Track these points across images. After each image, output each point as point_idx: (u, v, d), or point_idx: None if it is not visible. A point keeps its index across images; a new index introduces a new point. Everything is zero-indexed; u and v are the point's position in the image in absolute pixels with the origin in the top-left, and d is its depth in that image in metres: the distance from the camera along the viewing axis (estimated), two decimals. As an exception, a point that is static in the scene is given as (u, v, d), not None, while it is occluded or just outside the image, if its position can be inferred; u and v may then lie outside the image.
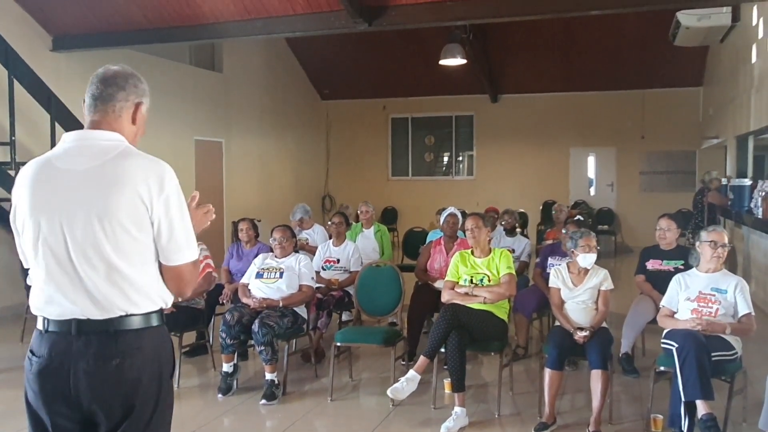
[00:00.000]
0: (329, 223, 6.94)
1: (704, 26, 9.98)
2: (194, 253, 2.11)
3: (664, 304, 4.47)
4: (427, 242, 6.95)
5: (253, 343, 5.07)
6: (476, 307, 4.70)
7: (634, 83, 14.10)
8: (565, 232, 6.10)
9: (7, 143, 7.71)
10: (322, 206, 16.09)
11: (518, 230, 7.55)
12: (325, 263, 6.45)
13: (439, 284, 5.64)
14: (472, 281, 4.83)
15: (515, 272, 5.00)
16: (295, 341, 5.76)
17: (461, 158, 16.13)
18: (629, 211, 14.72)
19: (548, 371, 4.28)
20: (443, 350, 4.55)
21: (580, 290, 4.61)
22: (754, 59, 9.52)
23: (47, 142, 7.97)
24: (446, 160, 16.29)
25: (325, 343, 5.97)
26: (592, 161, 15.34)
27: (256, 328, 4.88)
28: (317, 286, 5.76)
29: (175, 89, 10.77)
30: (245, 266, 5.90)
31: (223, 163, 12.52)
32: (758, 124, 9.14)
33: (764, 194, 7.68)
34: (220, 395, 5.04)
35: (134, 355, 2.01)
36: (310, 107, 15.91)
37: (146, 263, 2.04)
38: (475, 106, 15.64)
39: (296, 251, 5.74)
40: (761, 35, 9.06)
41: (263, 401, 4.87)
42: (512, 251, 6.53)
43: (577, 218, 7.04)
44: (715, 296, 4.21)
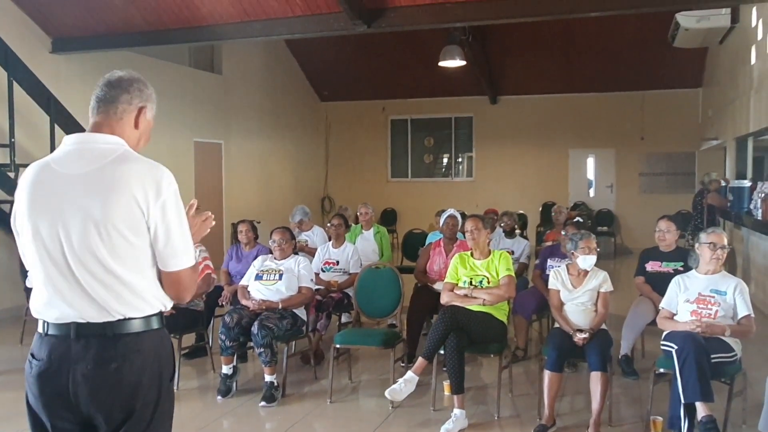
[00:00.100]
0: (328, 224, 6.94)
1: (703, 28, 10.00)
2: (192, 258, 2.10)
3: (663, 305, 4.46)
4: (426, 244, 6.96)
5: (252, 345, 5.07)
6: (475, 308, 4.70)
7: (633, 85, 14.11)
8: (564, 233, 6.10)
9: (6, 145, 7.71)
10: (321, 208, 16.09)
11: (517, 232, 7.55)
12: (324, 265, 6.45)
13: (438, 286, 5.63)
14: (471, 283, 4.83)
15: (514, 274, 5.00)
16: (294, 343, 5.78)
17: (461, 160, 16.13)
18: (629, 212, 14.72)
19: (548, 373, 4.28)
20: (443, 352, 4.55)
21: (579, 292, 4.61)
22: (753, 60, 9.52)
23: (47, 144, 7.97)
24: (446, 161, 16.29)
25: (324, 344, 5.97)
26: (591, 163, 15.35)
27: (255, 330, 4.88)
28: (316, 287, 5.76)
29: (174, 91, 10.77)
30: (244, 268, 5.90)
31: (222, 164, 12.51)
32: (758, 125, 9.14)
33: (764, 196, 7.68)
34: (219, 397, 5.04)
35: (133, 358, 2.01)
36: (309, 109, 15.91)
37: (143, 268, 2.03)
38: (474, 107, 15.64)
39: (296, 253, 5.74)
40: (760, 36, 9.07)
41: (262, 403, 4.87)
42: (511, 253, 6.54)
43: (576, 220, 7.03)
44: (714, 298, 4.21)
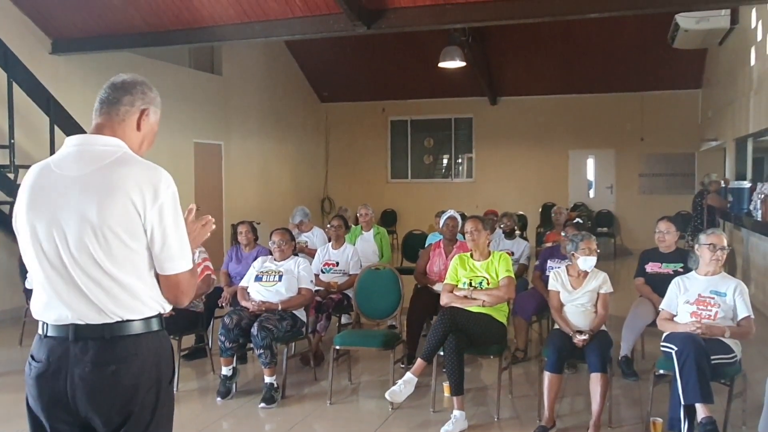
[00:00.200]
0: (328, 226, 6.94)
1: (703, 29, 10.00)
2: (189, 262, 2.09)
3: (663, 307, 4.46)
4: (426, 245, 6.96)
5: (252, 346, 5.06)
6: (475, 310, 4.70)
7: (633, 86, 14.11)
8: (564, 234, 6.10)
9: (6, 146, 7.71)
10: (321, 209, 16.08)
11: (517, 233, 7.55)
12: (324, 266, 6.45)
13: (438, 287, 5.62)
14: (471, 284, 4.82)
15: (514, 275, 5.00)
16: (294, 344, 5.78)
17: (460, 161, 16.13)
18: (628, 213, 14.72)
19: (547, 374, 4.28)
20: (442, 353, 4.54)
21: (579, 293, 4.61)
22: (752, 62, 9.53)
23: (46, 145, 7.97)
24: (445, 162, 16.28)
25: (324, 346, 5.96)
26: (591, 163, 15.34)
27: (255, 331, 4.88)
28: (316, 289, 5.76)
29: (174, 92, 10.76)
30: (244, 269, 5.90)
31: (222, 165, 12.51)
32: (757, 126, 9.15)
33: (763, 197, 7.68)
34: (219, 398, 5.03)
35: (131, 361, 2.00)
36: (309, 110, 15.91)
37: (140, 270, 2.02)
38: (474, 108, 15.64)
39: (295, 254, 5.74)
40: (760, 38, 9.07)
41: (262, 404, 4.86)
42: (511, 254, 6.53)
43: (576, 221, 7.02)
44: (714, 299, 4.20)
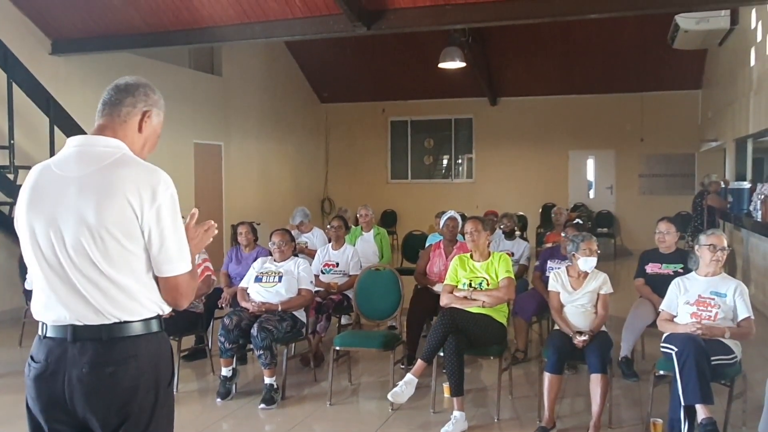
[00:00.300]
0: (328, 226, 6.94)
1: (703, 29, 9.99)
2: (188, 265, 2.08)
3: (663, 308, 4.46)
4: (426, 246, 6.96)
5: (252, 347, 5.06)
6: (475, 311, 4.69)
7: (633, 86, 14.11)
8: (564, 235, 6.10)
9: (6, 147, 7.70)
10: (321, 209, 16.08)
11: (517, 233, 7.54)
12: (324, 267, 6.45)
13: (438, 288, 5.61)
14: (470, 285, 4.82)
15: (514, 276, 5.00)
16: (294, 345, 5.77)
17: (460, 161, 16.13)
18: (628, 214, 14.72)
19: (548, 375, 4.28)
20: (442, 354, 4.54)
21: (579, 294, 4.61)
22: (752, 62, 9.53)
23: (46, 145, 7.97)
24: (445, 163, 16.28)
25: (324, 347, 5.96)
26: (591, 164, 15.34)
27: (254, 332, 4.88)
28: (316, 289, 5.76)
29: (174, 92, 10.75)
30: (244, 270, 5.90)
31: (222, 166, 12.51)
32: (757, 127, 9.15)
33: (763, 197, 7.68)
34: (218, 399, 5.03)
35: (129, 363, 1.99)
36: (309, 110, 15.91)
37: (138, 272, 2.02)
38: (474, 109, 15.64)
39: (295, 255, 5.74)
40: (760, 38, 9.07)
41: (262, 405, 4.86)
42: (511, 254, 6.53)
43: (576, 221, 7.02)
44: (714, 300, 4.20)
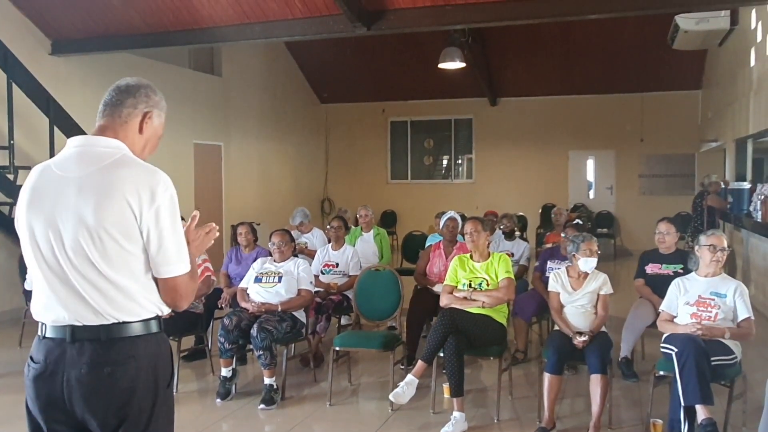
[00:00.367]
0: (328, 227, 6.94)
1: (703, 30, 9.99)
2: (186, 266, 2.08)
3: (663, 308, 4.46)
4: (426, 246, 6.96)
5: (251, 347, 5.06)
6: (475, 311, 4.69)
7: (632, 86, 14.10)
8: (564, 235, 6.10)
9: (5, 147, 7.70)
10: (321, 210, 16.08)
11: (517, 234, 7.54)
12: (324, 267, 6.44)
13: (438, 288, 5.61)
14: (470, 285, 4.82)
15: (514, 276, 5.00)
16: (293, 346, 5.77)
17: (460, 161, 16.12)
18: (628, 214, 14.72)
19: (547, 376, 4.28)
20: (442, 354, 4.54)
21: (579, 294, 4.60)
22: (752, 62, 9.53)
23: (46, 146, 7.97)
24: (445, 163, 16.28)
25: (323, 347, 5.96)
26: (591, 164, 15.34)
27: (254, 332, 4.87)
28: (316, 290, 5.76)
29: (174, 93, 10.75)
30: (244, 270, 5.90)
31: (222, 166, 12.50)
32: (757, 127, 9.15)
33: (763, 198, 7.68)
34: (218, 400, 5.03)
35: (128, 363, 1.99)
36: (309, 110, 15.91)
37: (136, 273, 2.01)
38: (474, 109, 15.63)
39: (295, 255, 5.73)
40: (760, 38, 9.07)
41: (262, 406, 4.86)
42: (511, 255, 6.53)
43: (576, 222, 7.02)
44: (714, 301, 4.20)
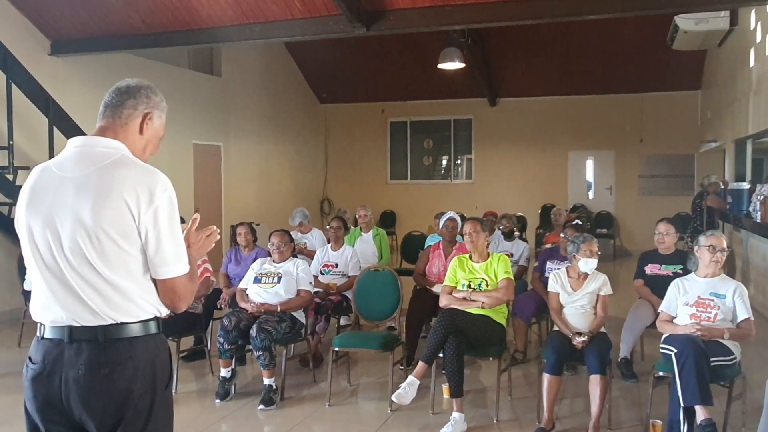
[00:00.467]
0: (327, 227, 6.93)
1: (702, 30, 10.00)
2: (185, 267, 2.08)
3: (662, 309, 4.45)
4: (425, 246, 6.95)
5: (251, 348, 5.05)
6: (474, 312, 4.69)
7: (632, 87, 14.11)
8: (563, 236, 6.10)
9: (5, 147, 7.70)
10: (320, 210, 16.07)
11: (516, 234, 7.54)
12: (323, 267, 6.44)
13: (437, 289, 5.61)
14: (470, 286, 4.82)
15: (513, 276, 4.99)
16: (293, 346, 5.77)
17: (460, 162, 16.12)
18: (628, 214, 14.72)
19: (547, 376, 4.28)
20: (441, 355, 4.54)
21: (579, 295, 4.60)
22: (752, 63, 9.53)
23: (45, 146, 7.97)
24: (445, 163, 16.28)
25: (323, 347, 5.95)
26: (590, 165, 15.34)
27: (254, 333, 4.87)
28: (315, 290, 5.75)
29: (173, 93, 10.71)
30: (243, 271, 5.90)
31: (221, 167, 12.50)
32: (757, 127, 9.15)
33: (762, 198, 7.69)
34: (217, 400, 5.02)
35: (125, 364, 1.99)
36: (308, 111, 15.90)
37: (135, 273, 2.01)
38: (473, 109, 15.63)
39: (294, 256, 5.73)
40: (759, 39, 9.07)
41: (261, 406, 4.85)
42: (510, 255, 6.54)
43: (575, 222, 7.02)
44: (713, 301, 4.20)
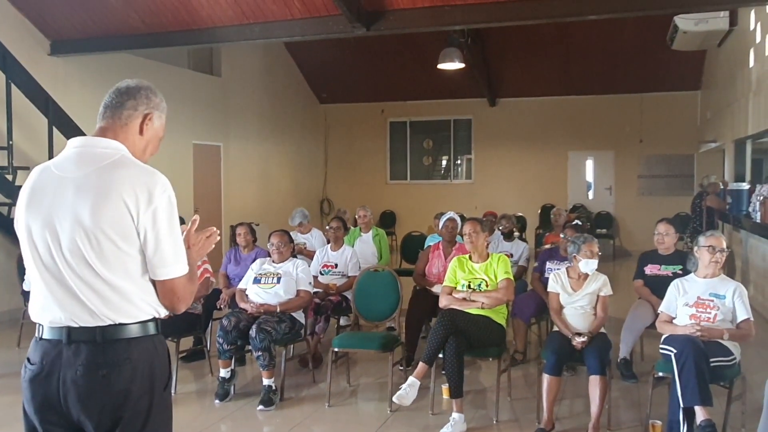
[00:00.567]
0: (327, 227, 6.93)
1: (702, 30, 10.00)
2: (184, 268, 2.07)
3: (662, 309, 4.45)
4: (425, 247, 6.95)
5: (250, 348, 5.05)
6: (474, 312, 4.69)
7: (632, 87, 14.11)
8: (563, 236, 6.10)
9: (4, 148, 7.69)
10: (320, 210, 16.07)
11: (516, 234, 7.54)
12: (323, 268, 6.44)
13: (437, 289, 5.61)
14: (469, 286, 4.82)
15: (513, 277, 4.99)
16: (292, 346, 5.77)
17: (459, 162, 16.12)
18: (627, 214, 14.71)
19: (546, 377, 4.28)
20: (441, 356, 4.53)
21: (578, 295, 4.60)
22: (751, 63, 9.53)
23: (45, 146, 7.96)
24: (444, 163, 16.27)
25: (322, 348, 5.95)
26: (590, 165, 15.33)
27: (253, 333, 4.87)
28: (315, 290, 5.75)
29: (173, 93, 10.73)
30: (243, 271, 5.89)
31: (221, 167, 12.49)
32: (756, 128, 9.15)
33: (762, 198, 7.69)
34: (217, 401, 5.02)
35: (123, 365, 1.98)
36: (308, 111, 15.90)
37: (133, 274, 2.01)
38: (473, 109, 15.63)
39: (294, 256, 5.73)
40: (759, 39, 9.07)
41: (260, 407, 4.85)
42: (510, 256, 6.53)
43: (575, 222, 7.02)
44: (713, 302, 4.20)
